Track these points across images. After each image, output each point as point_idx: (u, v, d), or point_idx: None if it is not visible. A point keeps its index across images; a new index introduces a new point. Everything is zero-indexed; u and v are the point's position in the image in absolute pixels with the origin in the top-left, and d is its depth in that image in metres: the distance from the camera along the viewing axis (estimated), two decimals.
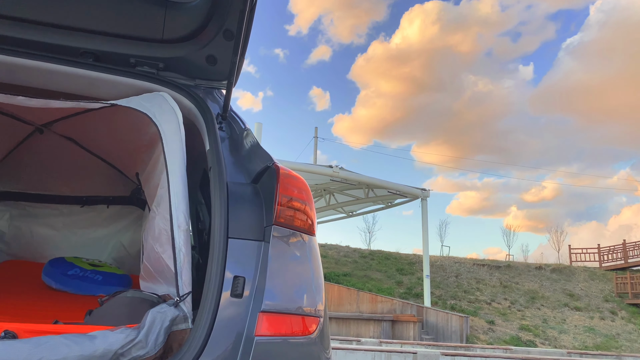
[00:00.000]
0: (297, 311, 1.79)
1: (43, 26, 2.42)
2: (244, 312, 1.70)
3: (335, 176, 19.89)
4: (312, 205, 1.98)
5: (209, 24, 2.50)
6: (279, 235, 1.84)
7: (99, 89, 2.47)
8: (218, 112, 2.53)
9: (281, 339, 1.72)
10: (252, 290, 1.74)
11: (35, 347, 1.49)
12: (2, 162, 4.18)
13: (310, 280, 1.88)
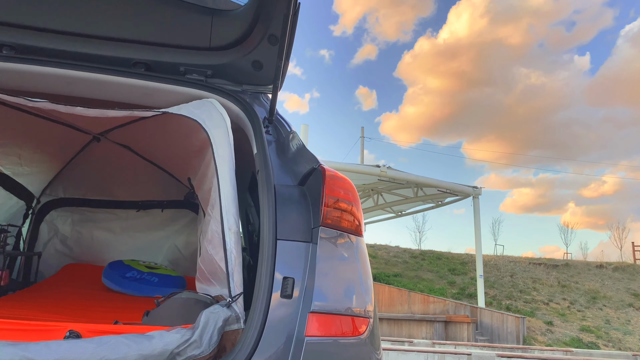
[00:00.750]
0: (347, 312, 1.79)
1: (98, 39, 2.54)
2: (294, 313, 1.73)
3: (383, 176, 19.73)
4: (358, 206, 1.98)
5: (254, 30, 2.55)
6: (326, 237, 1.85)
7: (151, 97, 2.57)
8: (265, 116, 2.57)
9: (331, 339, 1.73)
10: (301, 291, 1.76)
11: (97, 347, 1.56)
12: (64, 170, 4.42)
13: (359, 281, 1.88)
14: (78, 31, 2.52)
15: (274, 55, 2.46)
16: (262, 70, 2.65)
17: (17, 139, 3.51)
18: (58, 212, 4.54)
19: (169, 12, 2.58)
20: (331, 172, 1.95)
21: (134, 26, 2.57)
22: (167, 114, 2.29)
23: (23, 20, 2.46)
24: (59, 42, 2.50)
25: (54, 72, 2.42)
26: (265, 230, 1.83)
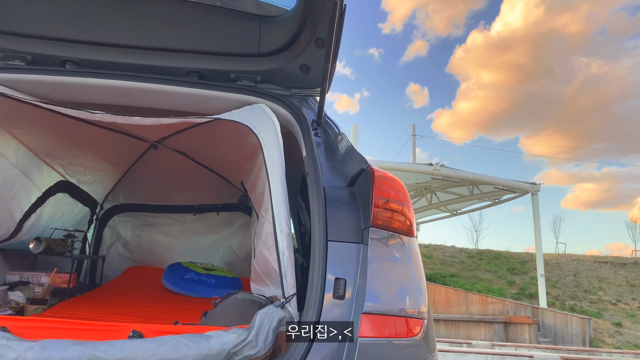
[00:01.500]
0: (400, 313, 1.78)
1: (153, 51, 2.65)
2: (346, 314, 1.73)
3: (436, 174, 19.38)
4: (409, 206, 1.97)
5: (301, 34, 2.57)
6: (377, 237, 1.85)
7: (204, 104, 2.65)
8: (313, 119, 2.59)
9: (385, 340, 1.72)
10: (353, 292, 1.76)
11: (159, 346, 1.63)
12: (124, 177, 4.63)
13: (412, 282, 1.86)
14: (134, 44, 2.63)
15: (321, 58, 2.48)
16: (309, 74, 2.68)
17: (81, 149, 3.71)
18: (120, 218, 4.76)
19: (219, 21, 2.66)
20: (380, 172, 1.95)
21: (186, 37, 2.66)
22: (219, 120, 2.36)
23: (84, 36, 2.60)
24: (117, 55, 2.62)
25: (113, 84, 2.55)
26: (316, 231, 1.85)
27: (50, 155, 3.43)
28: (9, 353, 1.52)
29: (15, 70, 2.53)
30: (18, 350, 1.53)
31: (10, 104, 2.62)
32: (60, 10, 2.57)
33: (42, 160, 3.39)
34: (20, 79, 2.52)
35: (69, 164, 3.70)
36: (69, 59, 2.60)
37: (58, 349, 1.55)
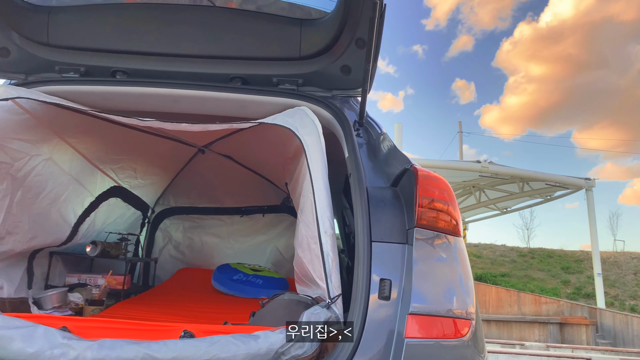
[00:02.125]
0: (448, 314, 1.76)
1: (198, 58, 2.73)
2: (392, 314, 1.73)
3: (485, 171, 18.90)
4: (455, 206, 1.94)
5: (341, 35, 2.58)
6: (422, 238, 1.84)
7: (248, 109, 2.70)
8: (355, 120, 2.60)
9: (433, 341, 1.71)
10: (399, 292, 1.76)
11: (209, 346, 1.67)
12: (174, 181, 4.78)
13: (459, 282, 1.84)
14: (181, 53, 2.72)
15: (362, 59, 2.48)
16: (350, 75, 2.69)
17: (132, 155, 3.85)
18: (171, 220, 4.92)
19: (261, 26, 2.70)
20: (424, 172, 1.93)
21: (230, 43, 2.72)
22: (262, 124, 2.40)
23: (133, 47, 2.71)
24: (164, 64, 2.71)
25: (161, 92, 2.64)
26: (360, 232, 1.85)
27: (103, 161, 3.58)
28: (70, 352, 1.60)
29: (70, 82, 2.66)
30: (78, 349, 1.61)
31: (66, 114, 2.75)
32: (110, 24, 2.69)
33: (95, 167, 3.54)
34: (74, 90, 2.64)
35: (121, 168, 3.85)
36: (119, 70, 2.72)
37: (115, 348, 1.62)
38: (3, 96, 2.35)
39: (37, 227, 2.99)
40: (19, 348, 1.62)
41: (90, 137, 3.24)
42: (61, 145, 3.07)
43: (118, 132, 3.23)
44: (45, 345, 1.62)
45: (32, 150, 2.78)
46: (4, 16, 2.58)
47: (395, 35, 66.53)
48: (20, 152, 2.70)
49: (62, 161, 3.12)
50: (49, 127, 2.85)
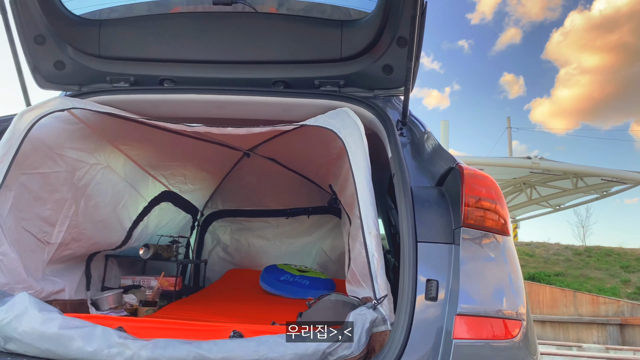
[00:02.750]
0: (497, 314, 1.72)
1: (242, 64, 2.79)
2: (440, 315, 1.71)
3: (536, 167, 18.28)
4: (503, 204, 1.90)
5: (382, 35, 2.58)
6: (469, 237, 1.80)
7: (290, 112, 2.73)
8: (398, 119, 2.58)
9: (482, 342, 1.67)
10: (446, 293, 1.73)
11: (258, 345, 1.71)
12: (221, 184, 4.89)
13: (508, 282, 1.79)
14: (224, 59, 2.78)
15: (403, 58, 2.47)
16: (392, 74, 2.67)
17: (182, 160, 3.97)
18: (219, 223, 5.03)
19: (302, 30, 2.73)
20: (470, 170, 1.89)
21: (271, 48, 2.76)
22: (305, 126, 2.42)
23: (179, 56, 2.79)
24: (209, 71, 2.79)
25: (207, 98, 2.71)
26: (405, 233, 1.84)
27: (154, 167, 3.71)
28: (126, 351, 1.67)
29: (121, 91, 2.77)
30: (133, 348, 1.68)
31: (118, 122, 2.87)
32: (157, 34, 2.78)
33: (147, 173, 3.67)
34: (125, 99, 2.75)
35: (171, 174, 3.97)
36: (166, 78, 2.81)
37: (167, 348, 1.68)
38: (59, 107, 2.47)
39: (97, 233, 3.14)
40: (79, 347, 1.70)
41: (141, 144, 3.36)
42: (115, 153, 3.20)
43: (167, 138, 3.33)
44: (103, 344, 1.70)
45: (91, 159, 2.92)
46: (59, 31, 2.71)
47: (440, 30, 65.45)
48: (80, 161, 2.83)
49: (118, 168, 3.26)
50: (102, 136, 2.98)
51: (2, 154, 2.23)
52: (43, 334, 1.75)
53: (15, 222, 2.47)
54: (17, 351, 1.79)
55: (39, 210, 2.63)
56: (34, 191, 2.57)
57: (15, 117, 2.33)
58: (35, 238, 2.66)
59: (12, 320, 1.81)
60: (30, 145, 2.41)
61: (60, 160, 2.69)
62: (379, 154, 2.48)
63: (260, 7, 2.78)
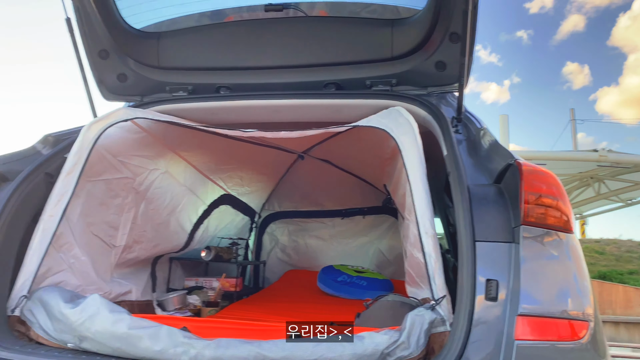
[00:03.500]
0: (562, 315, 1.66)
1: (294, 68, 2.83)
2: (501, 316, 1.66)
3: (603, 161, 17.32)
4: (565, 200, 1.82)
5: (434, 31, 2.54)
6: (530, 236, 1.75)
7: (342, 113, 2.74)
8: (453, 116, 2.53)
9: (547, 344, 1.62)
10: (507, 293, 1.69)
11: (315, 346, 1.73)
12: (277, 187, 4.98)
13: (573, 281, 1.72)
14: (277, 64, 2.84)
15: (456, 53, 2.42)
16: (446, 70, 2.63)
17: (238, 164, 4.07)
18: (276, 224, 5.13)
19: (352, 31, 2.74)
20: (529, 166, 1.83)
21: (322, 51, 2.79)
22: (357, 127, 2.42)
23: (234, 63, 2.87)
24: (263, 77, 2.85)
25: (262, 104, 2.77)
26: (462, 232, 1.81)
27: (213, 171, 3.83)
28: (190, 350, 1.74)
29: (180, 100, 2.88)
30: (197, 347, 1.74)
31: (178, 130, 2.98)
32: (212, 43, 2.88)
33: (206, 177, 3.79)
34: (184, 107, 2.86)
35: (229, 177, 4.09)
36: (223, 85, 2.89)
37: (229, 347, 1.73)
38: (123, 117, 2.60)
39: (158, 235, 3.28)
40: (146, 346, 1.79)
41: (200, 150, 3.48)
42: (175, 159, 3.33)
43: (225, 144, 3.44)
44: (169, 343, 1.77)
45: (151, 165, 3.05)
46: (121, 45, 2.86)
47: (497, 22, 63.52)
48: (140, 167, 2.97)
49: (177, 173, 3.39)
50: (164, 143, 3.10)
51: (73, 164, 2.37)
52: (114, 334, 1.85)
53: (84, 227, 2.62)
54: (91, 350, 1.91)
55: (104, 214, 2.78)
56: (99, 197, 2.72)
57: (84, 129, 2.47)
58: (102, 241, 2.81)
59: (85, 320, 1.92)
60: (97, 155, 2.55)
61: (123, 167, 2.83)
62: (434, 152, 2.44)
63: (310, 11, 2.81)
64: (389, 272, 4.54)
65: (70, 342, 1.94)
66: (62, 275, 2.42)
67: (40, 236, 2.22)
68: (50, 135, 2.62)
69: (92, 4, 2.62)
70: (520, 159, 1.89)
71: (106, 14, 2.72)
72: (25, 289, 2.14)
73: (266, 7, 2.73)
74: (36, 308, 2.08)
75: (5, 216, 2.13)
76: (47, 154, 2.46)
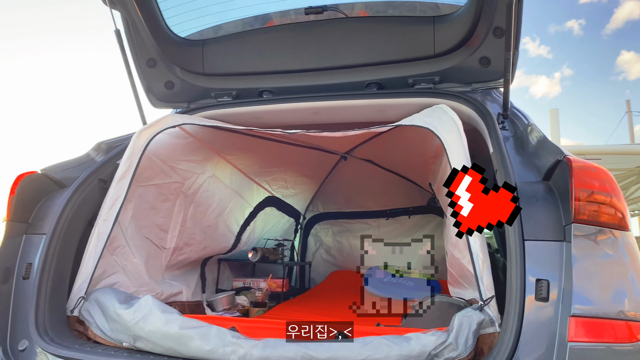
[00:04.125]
0: (618, 316, 1.60)
1: (335, 70, 2.84)
2: (552, 317, 1.62)
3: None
4: (620, 197, 1.75)
5: (477, 27, 2.50)
6: (582, 234, 1.69)
7: (384, 112, 2.73)
8: (499, 112, 2.48)
9: (602, 345, 1.56)
10: (558, 293, 1.64)
11: (363, 346, 1.73)
12: (320, 188, 5.00)
13: (630, 281, 1.65)
14: (318, 66, 2.86)
15: (501, 48, 2.37)
16: (490, 66, 2.58)
17: (282, 166, 4.13)
18: (321, 226, 5.15)
19: (393, 30, 2.73)
20: (580, 162, 1.77)
21: (364, 51, 2.79)
22: (400, 126, 2.41)
23: (276, 67, 2.92)
24: (305, 79, 2.88)
25: (303, 106, 2.79)
26: (510, 231, 1.77)
27: (257, 174, 3.89)
28: (239, 350, 1.78)
29: (224, 105, 2.94)
30: (246, 347, 1.78)
31: (223, 134, 3.05)
32: (254, 48, 2.93)
33: (251, 180, 3.86)
34: (228, 112, 2.92)
35: (273, 180, 4.14)
36: (265, 89, 2.94)
37: (277, 347, 1.76)
38: (171, 124, 2.68)
39: (207, 237, 3.36)
40: (197, 345, 1.84)
41: (245, 153, 3.55)
42: (222, 163, 3.40)
43: (268, 147, 3.48)
44: (218, 343, 1.82)
45: (198, 169, 3.13)
46: (167, 54, 2.95)
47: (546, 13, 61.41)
48: (189, 171, 3.06)
49: (224, 177, 3.47)
50: (210, 148, 3.18)
51: (125, 170, 2.47)
52: (166, 334, 1.92)
53: (136, 230, 2.72)
54: (144, 349, 1.98)
55: (154, 218, 2.88)
56: (149, 201, 2.81)
57: (134, 136, 2.56)
58: (153, 244, 2.91)
59: (139, 320, 2.00)
60: (147, 160, 2.64)
61: (172, 172, 2.91)
62: (480, 149, 2.40)
63: (350, 11, 2.81)
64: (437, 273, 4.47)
65: (125, 342, 2.03)
66: (116, 277, 2.52)
67: (95, 240, 2.32)
68: (103, 143, 2.73)
69: (139, 15, 2.72)
70: (569, 154, 1.83)
71: (153, 24, 2.81)
72: (83, 290, 2.25)
73: (306, 9, 2.75)
74: (93, 308, 2.18)
75: (62, 221, 2.24)
76: (100, 160, 2.57)
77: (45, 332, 2.03)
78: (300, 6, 2.81)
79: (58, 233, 2.21)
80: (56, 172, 2.49)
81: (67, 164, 2.58)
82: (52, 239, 2.19)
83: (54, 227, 2.21)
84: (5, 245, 2.22)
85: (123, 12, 2.74)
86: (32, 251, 2.22)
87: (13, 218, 2.27)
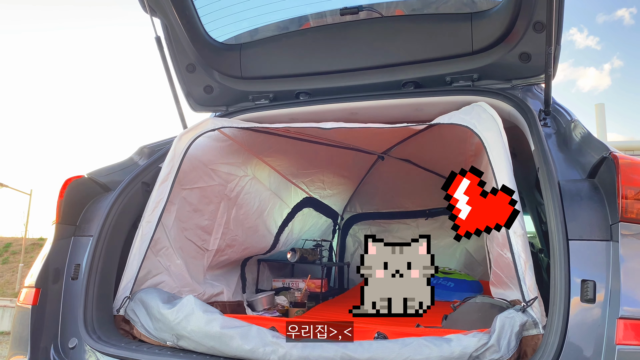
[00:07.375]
0: None
1: (371, 70, 2.83)
2: (599, 319, 1.57)
3: None
4: None
5: (517, 22, 2.44)
6: (629, 233, 1.63)
7: (422, 111, 2.70)
8: (540, 109, 2.42)
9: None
10: (605, 294, 1.58)
11: (402, 347, 1.72)
12: (357, 188, 5.00)
13: None
14: (354, 67, 2.86)
15: (541, 43, 2.31)
16: (530, 61, 2.52)
17: (320, 167, 4.14)
18: (359, 226, 5.14)
19: (429, 28, 2.70)
20: (627, 159, 1.71)
21: (400, 50, 2.77)
22: (438, 125, 2.38)
23: (312, 69, 2.93)
24: (341, 80, 2.88)
25: (340, 107, 2.80)
26: (554, 230, 1.72)
27: (295, 175, 3.92)
28: (279, 349, 1.80)
29: (262, 108, 2.98)
30: (285, 347, 1.80)
31: (261, 136, 3.09)
32: (291, 51, 2.95)
33: (289, 181, 3.89)
34: (266, 114, 2.96)
35: (311, 181, 4.16)
36: (302, 91, 2.96)
37: (316, 347, 1.77)
38: (211, 127, 2.73)
39: (248, 239, 3.41)
40: (238, 345, 1.87)
41: (283, 155, 3.58)
42: (260, 165, 3.45)
43: (306, 148, 3.50)
44: (258, 343, 1.84)
45: (239, 171, 3.19)
46: (206, 58, 3.01)
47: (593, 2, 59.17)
48: (230, 174, 3.11)
49: (263, 178, 3.51)
50: (249, 150, 3.23)
51: (167, 173, 2.54)
52: (207, 333, 1.96)
53: (179, 232, 2.79)
54: (187, 348, 2.03)
55: (197, 220, 2.94)
56: (193, 204, 2.88)
57: (175, 139, 2.63)
58: (196, 245, 2.97)
59: (182, 320, 2.05)
60: (189, 164, 2.71)
61: (215, 174, 2.97)
62: (522, 147, 2.35)
63: (386, 11, 2.80)
64: (478, 273, 4.39)
65: (169, 340, 2.08)
66: (160, 277, 2.59)
67: (139, 241, 2.40)
68: (146, 147, 2.82)
69: (178, 21, 2.79)
70: (616, 151, 1.77)
71: (192, 30, 2.88)
72: (128, 290, 2.32)
73: (342, 10, 2.75)
74: (138, 308, 2.25)
75: (108, 224, 2.32)
76: (143, 164, 2.65)
77: (93, 330, 2.11)
78: (335, 7, 2.81)
79: (104, 235, 2.29)
80: (101, 175, 2.58)
81: (111, 167, 2.67)
82: (98, 241, 2.27)
83: (100, 230, 2.29)
84: (55, 247, 2.32)
85: (163, 19, 2.81)
86: (80, 253, 2.31)
87: (62, 221, 2.37)
